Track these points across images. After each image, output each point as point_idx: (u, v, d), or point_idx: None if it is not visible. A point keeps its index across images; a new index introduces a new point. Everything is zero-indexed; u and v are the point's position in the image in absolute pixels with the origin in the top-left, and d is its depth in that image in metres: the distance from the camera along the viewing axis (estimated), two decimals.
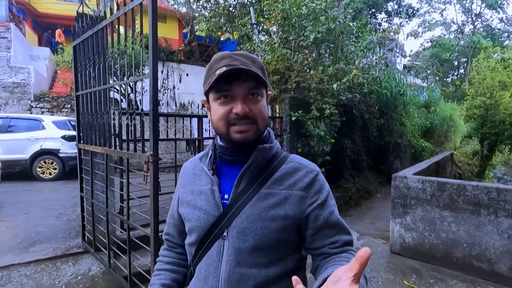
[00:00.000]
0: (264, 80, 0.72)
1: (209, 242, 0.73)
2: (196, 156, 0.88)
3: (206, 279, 0.72)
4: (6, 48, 9.32)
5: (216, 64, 0.71)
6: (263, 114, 0.73)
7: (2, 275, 2.44)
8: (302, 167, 0.78)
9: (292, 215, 0.72)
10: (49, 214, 4.08)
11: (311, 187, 0.75)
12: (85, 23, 2.46)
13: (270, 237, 0.70)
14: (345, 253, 0.73)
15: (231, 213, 0.72)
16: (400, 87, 6.94)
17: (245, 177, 0.74)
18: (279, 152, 0.80)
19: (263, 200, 0.72)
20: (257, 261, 0.70)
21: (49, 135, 6.72)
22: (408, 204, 3.20)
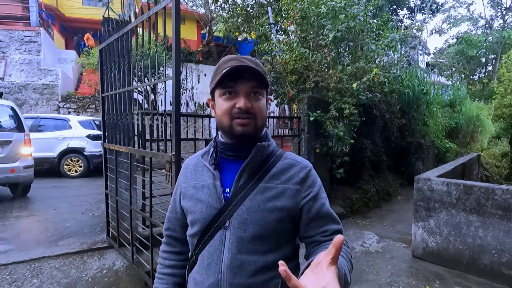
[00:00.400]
0: (266, 82, 0.80)
1: (212, 232, 0.79)
2: (197, 153, 0.93)
3: (209, 266, 0.78)
4: (37, 52, 9.83)
5: (224, 65, 0.79)
6: (262, 111, 0.80)
7: (34, 267, 2.59)
8: (297, 164, 0.85)
9: (288, 207, 0.79)
10: (75, 210, 4.28)
11: (305, 182, 0.82)
12: (111, 27, 2.56)
13: (268, 226, 0.77)
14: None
15: (232, 205, 0.78)
16: (423, 86, 6.70)
17: (245, 173, 0.80)
18: (275, 149, 0.87)
19: (262, 194, 0.78)
20: (256, 248, 0.76)
21: (75, 134, 7.03)
22: (431, 207, 3.10)
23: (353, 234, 3.96)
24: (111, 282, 2.48)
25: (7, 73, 9.33)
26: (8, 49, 9.65)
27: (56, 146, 6.88)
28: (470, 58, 17.43)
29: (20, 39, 9.78)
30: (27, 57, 9.63)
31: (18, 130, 4.78)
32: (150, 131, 2.07)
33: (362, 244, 3.65)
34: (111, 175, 2.80)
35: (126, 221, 2.58)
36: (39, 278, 2.46)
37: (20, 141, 4.72)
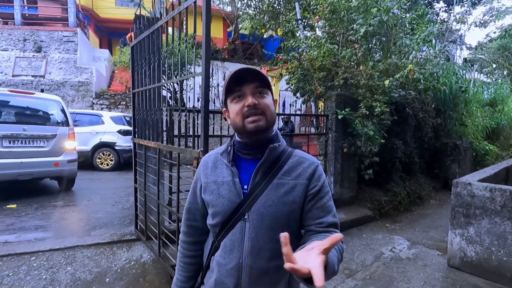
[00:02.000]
0: (268, 82, 0.91)
1: (232, 222, 0.89)
2: (215, 151, 1.03)
3: (231, 251, 0.89)
4: (74, 51, 10.42)
5: (229, 76, 0.90)
6: (269, 107, 0.90)
7: (68, 255, 2.73)
8: (305, 160, 0.95)
9: (298, 200, 0.90)
10: (106, 202, 4.47)
11: (313, 177, 0.92)
12: (142, 25, 2.61)
13: (282, 218, 0.88)
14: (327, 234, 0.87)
15: (250, 200, 0.88)
16: (462, 83, 6.25)
17: (260, 171, 0.90)
18: (285, 148, 0.96)
19: (276, 189, 0.89)
20: (272, 237, 0.86)
21: (107, 129, 7.36)
22: (471, 214, 2.86)
23: (382, 238, 3.79)
24: (139, 274, 2.55)
25: (47, 71, 9.98)
26: (49, 49, 10.31)
27: (90, 140, 7.24)
28: None
29: (59, 39, 10.41)
30: (65, 56, 10.23)
31: (63, 125, 4.88)
32: (178, 127, 2.08)
33: (391, 249, 3.47)
34: (140, 169, 2.87)
35: (154, 215, 2.64)
36: (73, 266, 2.58)
37: (64, 135, 4.82)
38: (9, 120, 4.35)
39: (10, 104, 4.43)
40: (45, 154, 4.56)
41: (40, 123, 4.63)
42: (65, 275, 2.46)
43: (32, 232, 3.24)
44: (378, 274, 2.85)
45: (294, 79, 4.72)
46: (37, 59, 10.01)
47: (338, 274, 2.81)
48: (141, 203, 2.89)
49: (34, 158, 4.42)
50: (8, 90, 4.46)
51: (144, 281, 2.47)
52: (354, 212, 4.33)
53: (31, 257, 2.64)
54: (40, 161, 4.47)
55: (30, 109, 4.67)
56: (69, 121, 4.99)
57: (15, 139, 4.29)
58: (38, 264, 2.56)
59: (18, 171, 4.27)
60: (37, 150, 4.49)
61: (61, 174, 4.84)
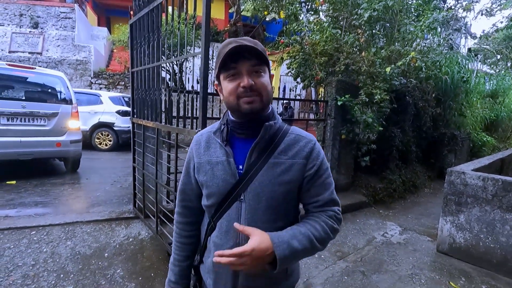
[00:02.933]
0: (266, 59, 0.85)
1: (228, 203, 0.88)
2: (207, 129, 0.99)
3: (227, 232, 0.89)
4: (71, 28, 10.19)
5: (224, 49, 0.83)
6: (266, 87, 0.85)
7: (68, 230, 2.79)
8: (302, 138, 0.92)
9: (295, 180, 0.88)
10: (105, 181, 4.52)
11: (310, 155, 0.90)
12: (142, 1, 2.55)
13: (278, 198, 0.87)
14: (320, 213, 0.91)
15: (246, 180, 0.86)
16: (464, 73, 6.20)
17: (255, 150, 0.87)
18: (281, 126, 0.92)
19: (272, 169, 0.86)
20: (268, 217, 0.87)
21: (106, 109, 7.33)
22: (463, 202, 2.93)
23: (375, 224, 3.88)
24: (137, 250, 2.63)
25: (44, 48, 9.79)
26: (46, 25, 10.08)
27: (88, 120, 7.22)
28: None
29: (57, 15, 10.15)
30: (63, 33, 10.01)
31: (65, 103, 4.60)
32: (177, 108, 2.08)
33: (383, 234, 3.57)
34: (139, 149, 2.90)
35: (152, 194, 2.68)
36: (73, 240, 2.65)
37: (67, 114, 4.55)
38: (7, 96, 4.14)
39: (8, 79, 4.20)
40: (46, 134, 4.34)
41: (40, 100, 4.38)
42: (65, 249, 2.53)
43: (32, 207, 3.30)
44: (369, 257, 2.94)
45: (295, 63, 4.67)
46: (34, 35, 9.80)
47: (331, 256, 2.91)
48: (140, 182, 2.94)
49: (34, 137, 4.22)
50: (6, 63, 4.25)
51: (142, 257, 2.55)
52: (349, 198, 4.41)
53: (31, 231, 2.70)
54: (41, 140, 4.28)
55: (30, 85, 4.41)
56: (73, 99, 4.72)
57: (13, 117, 4.11)
58: (39, 238, 2.63)
59: (17, 150, 4.11)
60: (38, 129, 4.28)
61: (63, 155, 4.66)
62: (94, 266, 2.37)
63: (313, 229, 0.86)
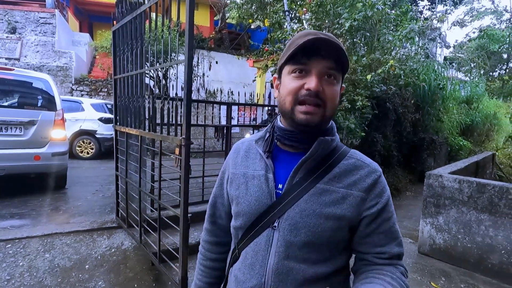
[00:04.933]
0: (346, 63, 0.69)
1: (258, 229, 0.72)
2: (250, 137, 0.85)
3: (252, 266, 0.71)
4: (51, 34, 9.93)
5: (300, 39, 0.67)
6: (334, 100, 0.69)
7: (47, 242, 2.69)
8: (364, 166, 0.73)
9: (349, 217, 0.69)
10: (87, 190, 4.39)
11: (373, 189, 0.71)
12: (125, 9, 2.54)
13: (323, 235, 0.68)
14: (390, 267, 0.70)
15: (284, 204, 0.70)
16: (440, 81, 6.49)
17: (302, 169, 0.71)
18: (339, 146, 0.76)
19: (319, 196, 0.69)
20: (307, 256, 0.69)
21: (87, 116, 7.14)
22: (441, 204, 3.04)
23: None
24: (119, 261, 2.56)
25: (22, 54, 9.48)
26: (24, 30, 9.78)
27: (69, 128, 7.00)
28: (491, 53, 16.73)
29: (36, 20, 9.88)
30: (42, 39, 9.74)
31: (47, 109, 3.94)
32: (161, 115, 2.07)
33: None
34: (122, 157, 2.84)
35: (135, 202, 2.63)
36: (51, 253, 2.55)
37: (49, 122, 3.90)
38: None
39: None
40: (22, 145, 3.72)
41: (17, 106, 3.82)
42: (43, 262, 2.43)
43: (7, 219, 3.15)
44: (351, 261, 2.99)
45: None
46: (11, 40, 9.48)
47: None
48: (123, 190, 2.88)
49: (6, 149, 3.61)
50: None
51: (125, 267, 2.48)
52: None
53: (6, 245, 2.58)
54: (15, 153, 3.66)
55: (5, 88, 3.86)
56: (58, 104, 4.07)
57: None
58: (15, 251, 2.51)
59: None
60: (11, 140, 3.65)
61: (44, 170, 3.95)
62: (74, 279, 2.29)
63: None
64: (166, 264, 2.18)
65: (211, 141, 7.43)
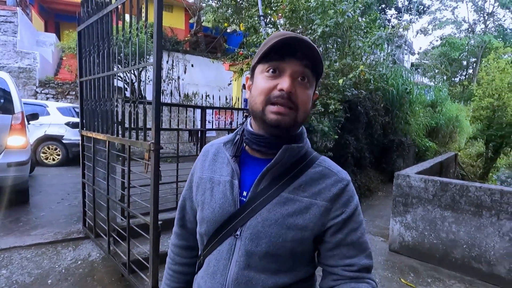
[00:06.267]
0: (320, 67, 0.66)
1: (221, 237, 0.70)
2: (220, 139, 0.81)
3: (214, 274, 0.70)
4: (13, 33, 9.31)
5: (272, 39, 0.64)
6: (306, 104, 0.66)
7: (3, 257, 2.48)
8: (331, 175, 0.70)
9: (311, 227, 0.66)
10: (51, 199, 4.12)
11: (338, 199, 0.68)
12: (91, 8, 2.43)
13: (284, 245, 0.66)
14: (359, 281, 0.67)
15: (247, 213, 0.68)
16: (407, 85, 6.85)
17: (267, 176, 0.69)
18: (309, 152, 0.73)
19: (283, 206, 0.67)
20: (268, 266, 0.67)
21: (53, 121, 6.74)
22: (409, 203, 3.18)
23: None
24: (86, 273, 2.41)
25: None
26: None
27: (32, 133, 6.57)
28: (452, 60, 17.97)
29: None
30: (2, 38, 9.10)
31: (2, 111, 3.43)
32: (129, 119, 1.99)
33: None
34: (89, 163, 2.70)
35: (103, 211, 2.50)
36: (9, 268, 2.36)
37: (4, 127, 3.37)
38: None
39: None
40: None
41: None
42: None
43: None
44: None
45: None
46: None
47: None
48: (90, 198, 2.73)
49: None
50: None
51: (93, 280, 2.35)
52: None
53: None
54: None
55: None
56: (17, 106, 3.52)
57: None
58: None
59: None
60: None
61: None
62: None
63: None
64: (137, 274, 2.09)
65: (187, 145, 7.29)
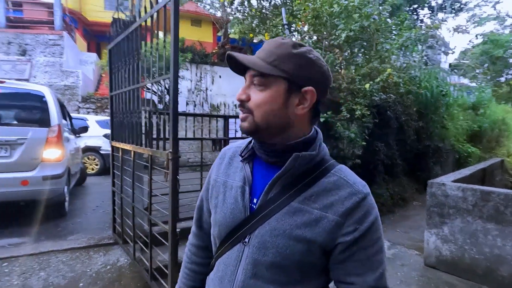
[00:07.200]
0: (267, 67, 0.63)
1: (231, 242, 0.70)
2: (239, 143, 0.81)
3: (222, 279, 0.70)
4: (59, 54, 10.28)
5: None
6: (259, 106, 0.65)
7: (43, 260, 2.67)
8: (346, 186, 0.65)
9: (320, 241, 0.63)
10: (87, 207, 4.41)
11: (352, 214, 0.63)
12: (119, 27, 2.61)
13: (292, 258, 0.63)
14: None
15: (256, 220, 0.67)
16: (443, 87, 6.42)
17: (277, 185, 0.67)
18: (325, 160, 0.69)
19: (292, 216, 0.64)
20: (275, 278, 0.64)
21: (92, 133, 7.25)
22: (445, 213, 2.93)
23: None
24: (114, 278, 2.52)
25: (32, 75, 9.81)
26: (34, 52, 10.15)
27: None
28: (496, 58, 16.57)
29: (45, 42, 10.26)
30: (51, 60, 10.08)
31: (39, 125, 3.41)
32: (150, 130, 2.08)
33: None
34: (117, 172, 2.85)
35: (130, 218, 2.61)
36: (46, 271, 2.53)
37: (40, 140, 3.35)
38: None
39: None
40: (7, 168, 3.22)
41: (3, 124, 3.34)
42: (37, 280, 2.41)
43: (7, 237, 3.17)
44: None
45: None
46: (21, 62, 9.84)
47: None
48: (119, 206, 2.87)
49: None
50: None
51: (120, 285, 2.44)
52: None
53: (2, 263, 2.57)
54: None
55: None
56: (54, 119, 3.50)
57: None
58: (10, 270, 2.50)
59: None
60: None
61: (33, 196, 3.38)
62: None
63: None
64: (159, 281, 2.13)
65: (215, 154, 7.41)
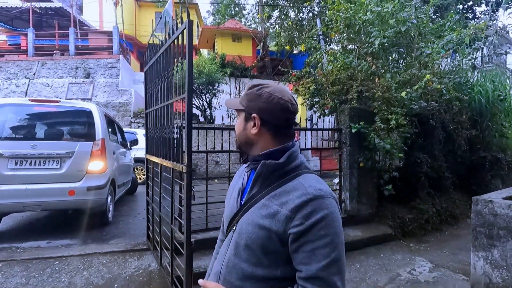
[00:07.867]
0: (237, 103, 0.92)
1: (228, 230, 0.93)
2: None
3: (220, 256, 0.93)
4: (116, 75, 11.56)
5: None
6: (236, 129, 0.94)
7: (87, 261, 2.99)
8: (301, 188, 0.80)
9: (275, 230, 0.78)
10: (131, 213, 4.81)
11: (300, 211, 0.76)
12: (152, 52, 2.89)
13: (257, 242, 0.81)
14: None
15: (241, 213, 0.88)
16: (501, 91, 5.71)
17: (256, 185, 0.89)
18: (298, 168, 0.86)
19: (260, 209, 0.83)
20: (248, 257, 0.83)
21: (140, 146, 7.93)
22: (494, 235, 2.58)
23: (402, 259, 3.54)
24: (145, 282, 2.70)
25: (94, 94, 11.16)
26: (96, 74, 11.58)
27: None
28: None
29: (105, 65, 11.65)
30: (109, 80, 11.38)
31: (85, 139, 3.73)
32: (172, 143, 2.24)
33: (410, 271, 3.23)
34: (150, 183, 3.10)
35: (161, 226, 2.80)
36: (89, 271, 2.83)
37: (85, 153, 3.66)
38: (19, 136, 3.53)
39: (26, 116, 3.65)
40: (57, 179, 3.51)
41: (55, 138, 3.66)
42: (80, 279, 2.70)
43: (61, 238, 3.61)
44: None
45: (308, 94, 4.75)
46: (86, 84, 11.27)
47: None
48: (151, 214, 3.10)
49: (43, 184, 3.44)
50: (29, 99, 3.81)
51: None
52: (372, 229, 4.11)
53: (55, 261, 2.95)
54: (50, 188, 3.46)
55: (48, 120, 3.81)
56: (98, 134, 3.81)
57: (22, 159, 3.41)
58: (60, 268, 2.85)
59: (23, 201, 3.38)
60: (48, 174, 3.50)
61: (78, 205, 3.68)
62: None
63: None
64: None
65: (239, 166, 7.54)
